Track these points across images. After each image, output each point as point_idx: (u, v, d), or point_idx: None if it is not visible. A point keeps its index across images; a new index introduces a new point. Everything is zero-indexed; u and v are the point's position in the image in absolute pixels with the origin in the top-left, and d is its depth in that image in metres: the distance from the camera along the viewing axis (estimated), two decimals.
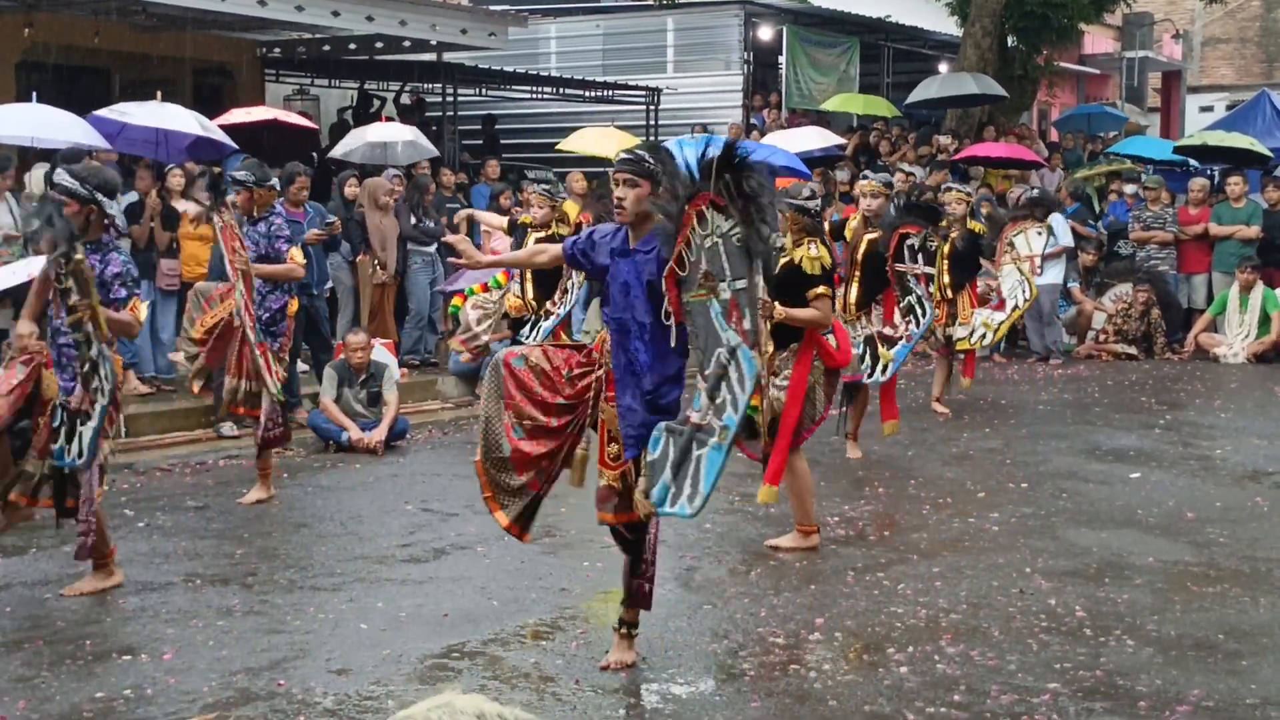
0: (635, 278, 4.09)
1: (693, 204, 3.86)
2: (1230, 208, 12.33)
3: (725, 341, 3.84)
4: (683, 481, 3.90)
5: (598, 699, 4.08)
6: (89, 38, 11.45)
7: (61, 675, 4.26)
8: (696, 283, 3.88)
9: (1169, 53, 26.93)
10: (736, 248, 3.83)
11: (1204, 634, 4.62)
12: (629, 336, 4.08)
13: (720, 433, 3.84)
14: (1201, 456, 7.71)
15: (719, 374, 3.84)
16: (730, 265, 3.83)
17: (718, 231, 3.83)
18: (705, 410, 3.87)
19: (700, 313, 3.89)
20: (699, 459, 3.88)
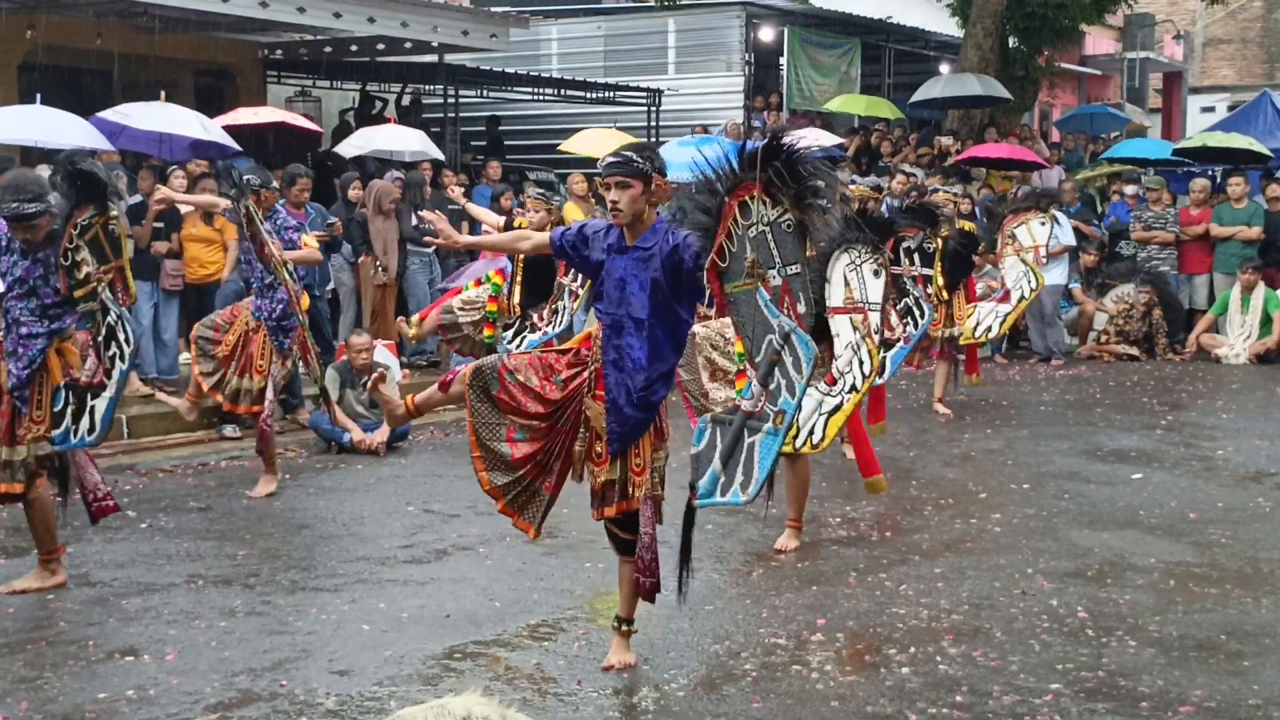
0: (633, 275, 4.06)
1: (735, 195, 3.85)
2: (1231, 208, 12.33)
3: (777, 328, 3.84)
4: (734, 469, 3.91)
5: (600, 700, 4.08)
6: (91, 39, 11.46)
7: (64, 676, 4.27)
8: (741, 272, 3.87)
9: (1170, 53, 26.94)
10: (788, 233, 3.82)
11: (1206, 635, 4.62)
12: (623, 333, 4.06)
13: (776, 417, 3.84)
14: (1203, 457, 7.71)
15: (772, 359, 3.86)
16: (780, 252, 3.83)
17: (764, 220, 3.83)
18: (758, 397, 3.87)
19: (746, 302, 3.87)
20: (751, 446, 3.87)
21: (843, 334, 5.55)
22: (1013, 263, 8.96)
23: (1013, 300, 8.89)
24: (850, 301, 5.55)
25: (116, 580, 5.33)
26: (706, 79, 16.70)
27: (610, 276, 4.12)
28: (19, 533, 6.11)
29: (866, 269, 5.55)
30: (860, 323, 5.55)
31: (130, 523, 6.25)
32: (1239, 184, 12.38)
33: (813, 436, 5.53)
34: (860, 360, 5.53)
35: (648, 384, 4.05)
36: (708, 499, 4.02)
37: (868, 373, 5.54)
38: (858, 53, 17.80)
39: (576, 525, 6.18)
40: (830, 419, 5.50)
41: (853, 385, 5.53)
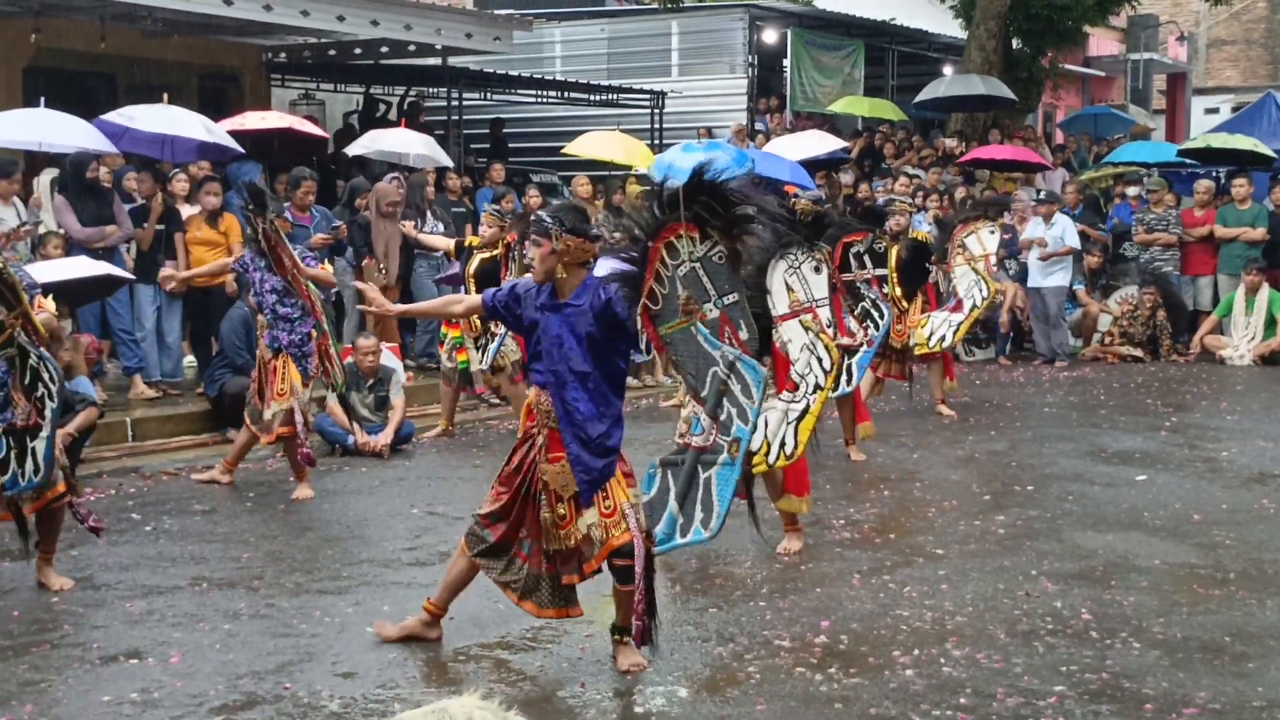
0: (569, 330, 4.14)
1: (659, 238, 3.93)
2: (1235, 210, 12.32)
3: (720, 359, 3.90)
4: (692, 508, 3.95)
5: (603, 702, 4.08)
6: (95, 43, 11.48)
7: (68, 679, 4.27)
8: (675, 312, 3.93)
9: (1174, 55, 26.91)
10: (720, 265, 3.89)
11: (1210, 636, 4.61)
12: (565, 388, 4.14)
13: (731, 447, 3.89)
14: (1208, 458, 7.70)
15: (719, 390, 3.90)
16: (715, 284, 3.90)
17: (693, 256, 3.89)
18: (709, 431, 3.92)
19: (683, 339, 3.94)
20: (708, 481, 3.92)
21: (795, 339, 5.53)
22: (963, 272, 8.99)
23: (965, 309, 8.91)
24: (797, 304, 5.54)
25: (121, 583, 5.34)
26: (710, 81, 16.70)
27: (546, 334, 4.20)
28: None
29: (806, 268, 5.55)
30: (811, 321, 5.52)
31: (134, 525, 6.26)
32: (1243, 185, 12.36)
33: (785, 448, 5.53)
34: (819, 358, 5.52)
35: (605, 432, 4.14)
36: (667, 543, 4.03)
37: (828, 368, 5.53)
38: (861, 54, 17.80)
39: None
40: (799, 425, 5.49)
41: (816, 385, 5.52)
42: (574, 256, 4.17)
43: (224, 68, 13.74)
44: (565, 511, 4.21)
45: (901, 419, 9.16)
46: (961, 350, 12.28)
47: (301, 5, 11.22)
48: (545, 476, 4.22)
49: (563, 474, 4.19)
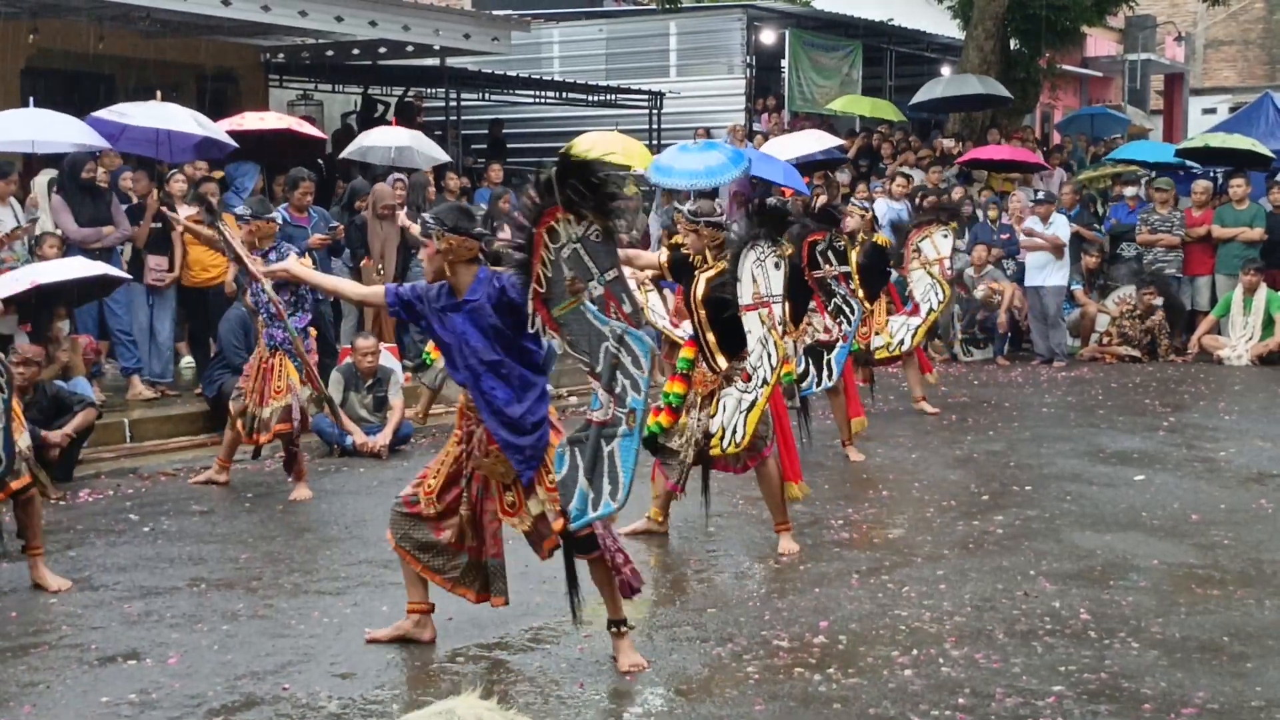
0: (472, 326, 4.30)
1: (541, 223, 4.05)
2: (1233, 210, 12.33)
3: (609, 333, 4.05)
4: (600, 482, 4.09)
5: (602, 703, 4.08)
6: (93, 44, 11.48)
7: (67, 680, 4.27)
8: (563, 294, 4.06)
9: (1171, 55, 26.94)
10: (598, 243, 4.04)
11: (1209, 636, 4.61)
12: (481, 380, 4.28)
13: (628, 418, 4.05)
14: (1206, 459, 7.71)
15: (612, 365, 4.05)
16: (596, 262, 4.04)
17: (573, 238, 4.04)
18: (606, 405, 4.06)
19: (575, 318, 4.07)
20: (611, 453, 4.07)
21: (754, 330, 5.65)
22: (919, 275, 9.09)
23: (922, 313, 9.03)
24: (758, 297, 5.64)
25: (119, 584, 5.34)
26: (708, 81, 16.70)
27: (452, 333, 4.34)
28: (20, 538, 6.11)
29: (769, 263, 5.66)
30: (766, 316, 5.65)
31: (133, 526, 6.26)
32: (1240, 185, 12.37)
33: (735, 435, 5.66)
34: (768, 354, 5.64)
35: (527, 410, 4.26)
36: (581, 519, 4.16)
37: (775, 365, 5.66)
38: (859, 55, 17.80)
39: None
40: (748, 415, 5.63)
41: (764, 379, 5.64)
42: (459, 254, 4.33)
43: (222, 68, 13.73)
44: (514, 499, 4.35)
45: (900, 420, 9.16)
46: (960, 350, 12.31)
47: (299, 6, 11.21)
48: (482, 470, 4.36)
49: (498, 463, 4.32)
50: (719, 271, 5.62)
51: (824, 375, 7.38)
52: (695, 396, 5.75)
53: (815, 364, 7.38)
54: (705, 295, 5.63)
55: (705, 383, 5.75)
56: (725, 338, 5.64)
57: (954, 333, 12.37)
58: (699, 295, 5.65)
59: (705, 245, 5.76)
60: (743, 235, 5.61)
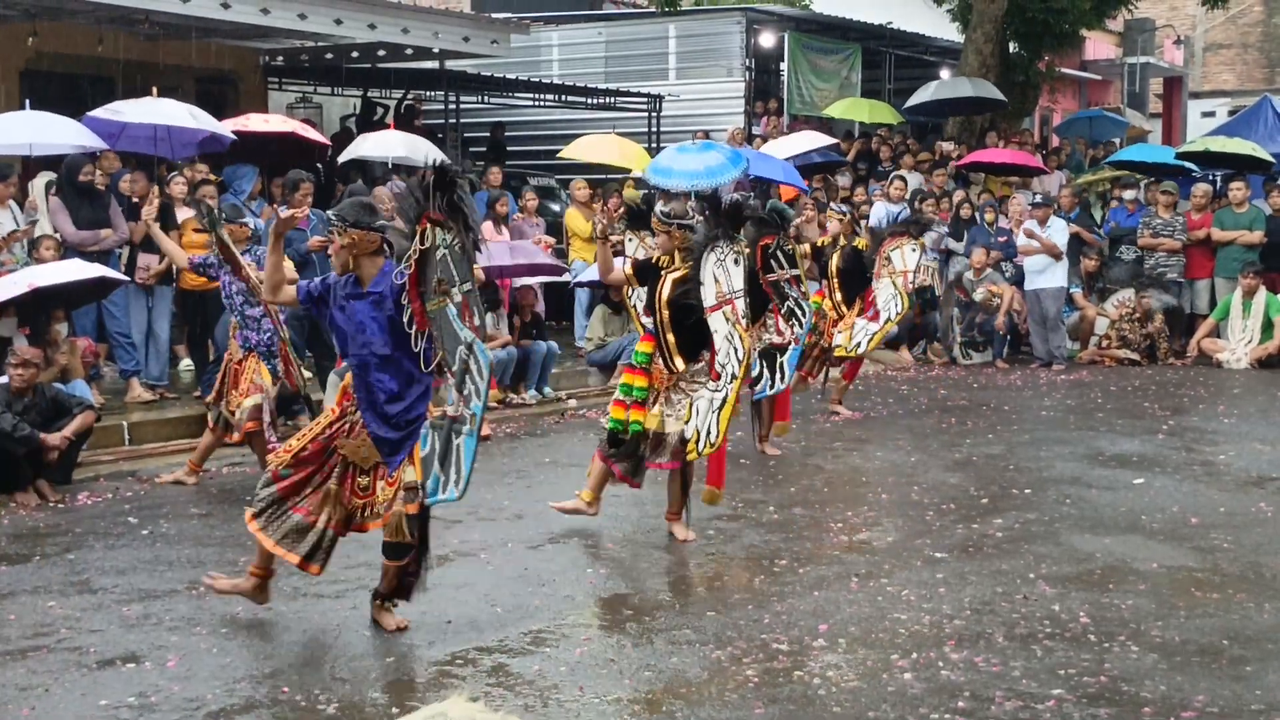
0: (371, 317, 4.49)
1: (420, 223, 4.30)
2: (1233, 213, 12.34)
3: (464, 339, 4.30)
4: (449, 469, 4.34)
5: (601, 705, 4.08)
6: (92, 46, 11.48)
7: (65, 683, 4.27)
8: (433, 293, 4.31)
9: (1170, 58, 26.97)
10: (459, 255, 4.31)
11: (1208, 640, 4.61)
12: (370, 370, 4.50)
13: (470, 420, 4.30)
14: (1205, 462, 7.71)
15: (464, 369, 4.31)
16: (458, 271, 4.30)
17: (443, 244, 4.29)
18: (457, 403, 4.32)
19: (440, 319, 4.32)
20: (458, 447, 4.33)
21: (719, 329, 5.76)
22: (885, 284, 9.25)
23: (880, 320, 9.21)
24: (721, 296, 5.75)
25: (118, 587, 5.33)
26: (707, 85, 16.71)
27: (351, 321, 4.55)
28: (20, 539, 6.11)
29: (729, 261, 5.77)
30: (730, 313, 5.75)
31: (131, 529, 6.25)
32: (1240, 189, 12.38)
33: (710, 436, 5.78)
34: (734, 349, 5.76)
35: (406, 407, 4.48)
36: (434, 497, 4.41)
37: (742, 358, 5.78)
38: (858, 58, 17.82)
39: (578, 532, 6.18)
40: (720, 414, 5.75)
41: (733, 374, 5.76)
42: (362, 248, 4.55)
43: (221, 71, 13.74)
44: (368, 483, 4.62)
45: (898, 422, 9.17)
46: (959, 353, 12.32)
47: (299, 9, 11.21)
48: (345, 451, 4.60)
49: (363, 446, 4.56)
50: (685, 274, 5.76)
51: (777, 378, 7.52)
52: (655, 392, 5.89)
53: (769, 366, 7.51)
54: (671, 296, 5.77)
55: (661, 380, 5.89)
56: (685, 340, 5.79)
57: (953, 336, 12.38)
58: (665, 295, 5.80)
59: (675, 246, 5.90)
60: (702, 239, 5.75)
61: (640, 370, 5.94)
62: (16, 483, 6.80)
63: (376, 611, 4.75)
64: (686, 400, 5.85)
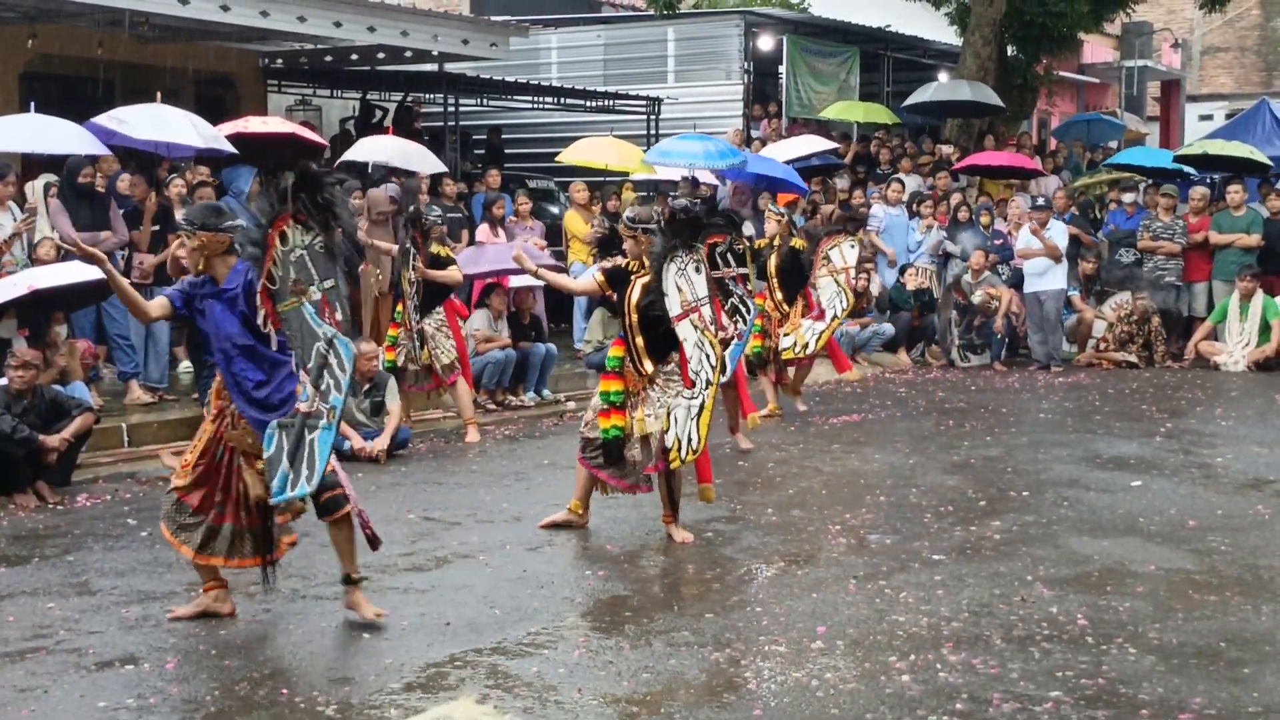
0: (227, 314, 4.71)
1: (275, 226, 4.50)
2: (1230, 216, 12.35)
3: (322, 335, 4.52)
4: (300, 465, 4.53)
5: (600, 707, 4.08)
6: (92, 48, 11.49)
7: (64, 685, 4.27)
8: (287, 293, 4.51)
9: (1168, 61, 27.00)
10: (320, 253, 4.53)
11: (1206, 642, 4.62)
12: (233, 362, 4.70)
13: (329, 414, 4.53)
14: (1203, 464, 7.72)
15: (320, 364, 4.52)
16: (317, 270, 4.54)
17: (301, 244, 4.51)
18: (312, 399, 4.52)
19: (295, 317, 4.53)
20: (312, 442, 4.53)
21: (689, 337, 5.89)
22: (827, 283, 9.37)
23: (826, 319, 9.32)
24: (686, 304, 5.89)
25: (116, 588, 5.34)
26: (706, 87, 16.72)
27: (209, 319, 4.76)
28: (19, 541, 6.12)
29: (691, 270, 5.90)
30: (698, 320, 5.89)
31: (130, 531, 6.26)
32: (1238, 192, 12.40)
33: (691, 443, 5.89)
34: (706, 355, 5.92)
35: (275, 388, 4.66)
36: (281, 495, 4.56)
37: (714, 364, 5.94)
38: (856, 61, 17.83)
39: (577, 534, 6.19)
40: (699, 420, 5.88)
41: (707, 380, 5.92)
42: (213, 249, 4.74)
43: (221, 73, 13.76)
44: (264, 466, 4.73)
45: (897, 425, 9.18)
46: (957, 356, 12.33)
47: (298, 11, 11.22)
48: (233, 442, 4.79)
49: (246, 434, 4.74)
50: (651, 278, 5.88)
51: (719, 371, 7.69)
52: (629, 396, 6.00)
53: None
54: (639, 301, 5.90)
55: (635, 382, 5.99)
56: (653, 343, 5.91)
57: (951, 338, 12.40)
58: (634, 300, 5.92)
59: (642, 252, 6.01)
60: (660, 250, 5.86)
61: (614, 375, 6.05)
62: (16, 484, 6.80)
63: (351, 598, 4.83)
64: (664, 402, 5.93)
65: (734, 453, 8.19)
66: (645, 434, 5.93)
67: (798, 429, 9.00)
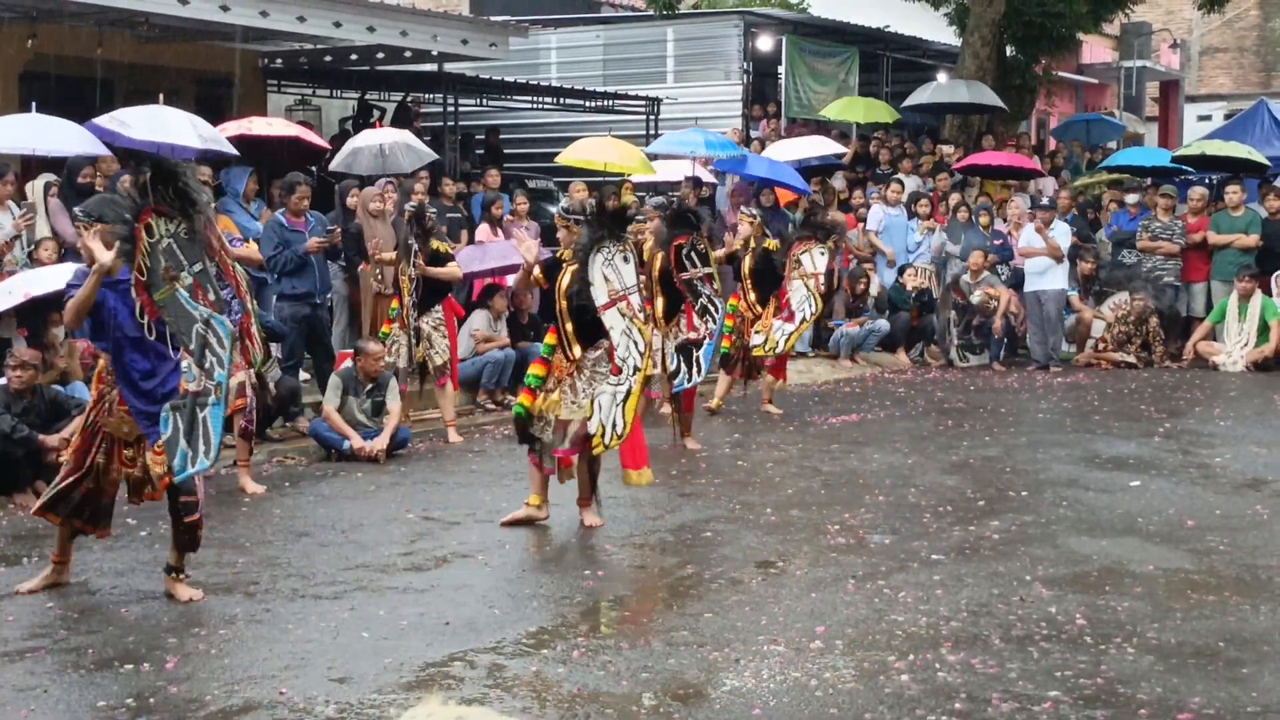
0: (121, 304, 4.91)
1: (141, 219, 4.71)
2: (1229, 216, 12.36)
3: (198, 317, 4.78)
4: (196, 442, 4.80)
5: (599, 707, 4.09)
6: (92, 48, 11.49)
7: (64, 684, 4.27)
8: (160, 281, 4.73)
9: (1167, 62, 27.02)
10: (187, 239, 4.78)
11: (1204, 642, 4.63)
12: (124, 351, 4.92)
13: (216, 390, 4.82)
14: (1201, 464, 7.72)
15: (202, 344, 4.79)
16: (185, 255, 4.79)
17: (167, 233, 4.74)
18: (199, 378, 4.79)
19: (171, 303, 4.76)
20: (205, 419, 4.79)
21: (615, 325, 6.02)
22: (798, 285, 9.46)
23: (795, 321, 9.43)
24: (614, 293, 6.01)
25: (116, 588, 5.34)
26: (705, 87, 16.73)
27: (105, 308, 4.93)
28: (19, 540, 6.12)
29: (618, 260, 6.02)
30: (626, 309, 6.02)
31: (130, 530, 6.26)
32: (1236, 192, 12.40)
33: (616, 429, 6.03)
34: (634, 342, 6.04)
35: (161, 381, 4.90)
36: (183, 473, 4.84)
37: (643, 350, 6.07)
38: (856, 61, 17.85)
39: (575, 534, 6.19)
40: (625, 405, 6.01)
41: (634, 367, 6.04)
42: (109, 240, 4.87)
43: (220, 73, 13.75)
44: (133, 454, 5.05)
45: (896, 425, 9.19)
46: (956, 356, 12.35)
47: (298, 11, 11.22)
48: (109, 428, 5.03)
49: (123, 422, 4.99)
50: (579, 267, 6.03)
51: (694, 371, 7.89)
52: (554, 381, 6.13)
53: (686, 361, 7.88)
54: (568, 287, 6.03)
55: (563, 369, 6.11)
56: (583, 330, 6.05)
57: (950, 338, 12.41)
58: (564, 286, 6.06)
59: (573, 241, 6.19)
60: (586, 241, 6.00)
61: (542, 360, 6.23)
62: (15, 484, 6.81)
63: (171, 584, 5.13)
64: (589, 392, 6.05)
65: (733, 453, 8.20)
66: (561, 418, 6.04)
67: (796, 429, 9.01)
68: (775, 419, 9.37)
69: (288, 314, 8.95)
